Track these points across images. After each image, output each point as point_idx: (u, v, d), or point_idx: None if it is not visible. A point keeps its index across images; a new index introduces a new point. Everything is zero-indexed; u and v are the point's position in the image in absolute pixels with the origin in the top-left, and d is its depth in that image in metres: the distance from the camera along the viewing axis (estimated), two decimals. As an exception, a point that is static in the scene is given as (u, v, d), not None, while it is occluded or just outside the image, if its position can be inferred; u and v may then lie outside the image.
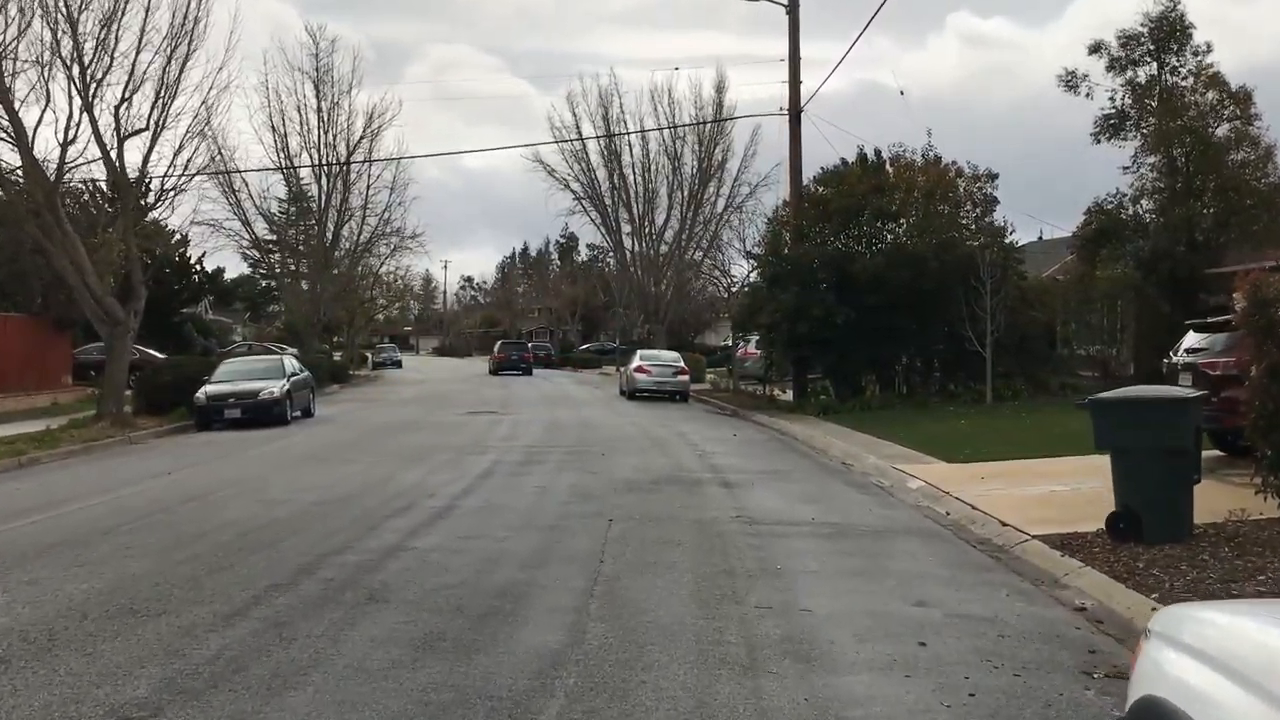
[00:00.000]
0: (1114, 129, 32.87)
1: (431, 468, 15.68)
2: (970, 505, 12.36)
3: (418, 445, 19.24)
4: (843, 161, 29.21)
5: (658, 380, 34.90)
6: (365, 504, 12.20)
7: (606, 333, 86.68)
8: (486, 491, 13.14)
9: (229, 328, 78.60)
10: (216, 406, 24.88)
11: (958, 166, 28.47)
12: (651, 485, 13.74)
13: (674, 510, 11.73)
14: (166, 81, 25.25)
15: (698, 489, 13.56)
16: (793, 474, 15.54)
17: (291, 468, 16.11)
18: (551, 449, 18.37)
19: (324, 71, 48.40)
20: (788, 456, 18.32)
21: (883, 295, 26.72)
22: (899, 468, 15.94)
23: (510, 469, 15.42)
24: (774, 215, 30.35)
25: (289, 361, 27.60)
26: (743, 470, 15.70)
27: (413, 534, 10.24)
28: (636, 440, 20.30)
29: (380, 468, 15.78)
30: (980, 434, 19.51)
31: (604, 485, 13.63)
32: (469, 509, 11.75)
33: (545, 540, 9.91)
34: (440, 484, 13.81)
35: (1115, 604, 7.96)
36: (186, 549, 9.65)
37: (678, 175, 54.13)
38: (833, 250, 28.11)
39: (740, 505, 12.21)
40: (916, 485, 14.31)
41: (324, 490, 13.37)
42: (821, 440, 20.52)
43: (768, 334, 29.36)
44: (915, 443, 18.81)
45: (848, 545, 9.94)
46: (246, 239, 47.83)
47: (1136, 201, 32.13)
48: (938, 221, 27.59)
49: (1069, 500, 12.48)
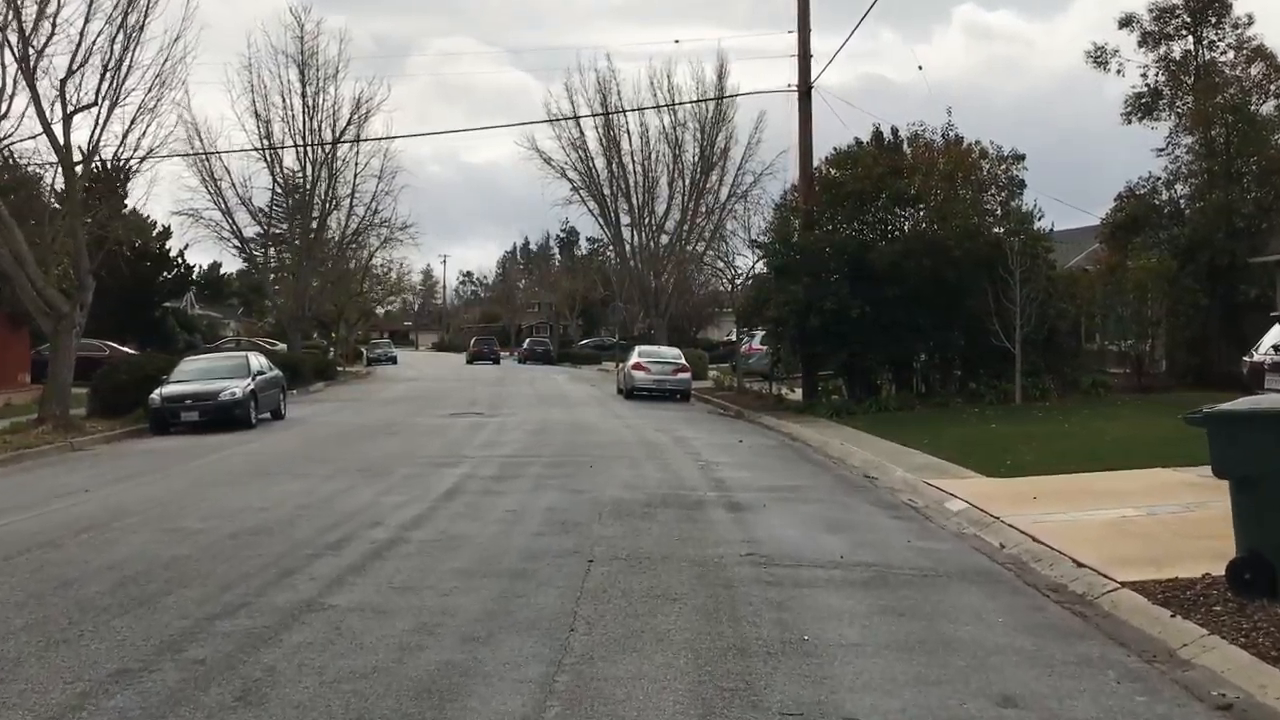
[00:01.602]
0: (1146, 108, 30.68)
1: (390, 485, 13.50)
2: (1030, 536, 10.18)
3: (385, 454, 17.06)
4: (856, 142, 26.98)
5: (657, 379, 32.69)
6: (294, 536, 10.01)
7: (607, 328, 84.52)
8: (445, 518, 10.95)
9: (219, 322, 76.41)
10: (172, 409, 22.70)
11: (981, 147, 26.23)
12: (644, 508, 11.55)
13: (670, 545, 9.53)
14: (116, 53, 23.00)
15: (699, 513, 11.38)
16: (810, 491, 13.36)
17: (228, 484, 13.92)
18: (534, 459, 16.17)
19: (309, 55, 46.24)
20: (802, 468, 16.13)
21: (901, 286, 24.51)
22: (932, 483, 13.75)
23: (481, 486, 13.22)
24: (782, 200, 28.15)
25: (255, 360, 25.39)
26: (752, 487, 13.51)
27: (335, 584, 8.05)
28: (631, 448, 18.12)
29: (331, 484, 13.60)
30: (1016, 441, 17.32)
31: (587, 509, 11.45)
32: (417, 544, 9.56)
33: (503, 593, 7.73)
34: (393, 507, 11.63)
35: (1274, 699, 5.79)
36: (37, 608, 7.48)
37: (679, 163, 51.84)
38: (846, 238, 25.89)
39: (751, 537, 10.03)
40: (957, 507, 12.12)
41: (252, 516, 11.19)
42: (838, 448, 18.33)
43: (775, 329, 27.14)
44: (945, 451, 16.63)
45: (892, 598, 7.76)
46: (227, 229, 45.48)
47: (1170, 186, 29.95)
48: (960, 206, 25.35)
49: (1150, 530, 10.29)
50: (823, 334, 25.07)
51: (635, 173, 52.33)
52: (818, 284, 25.03)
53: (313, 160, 46.34)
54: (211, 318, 76.30)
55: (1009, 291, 23.70)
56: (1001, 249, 24.58)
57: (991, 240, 25.54)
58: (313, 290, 48.77)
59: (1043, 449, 16.18)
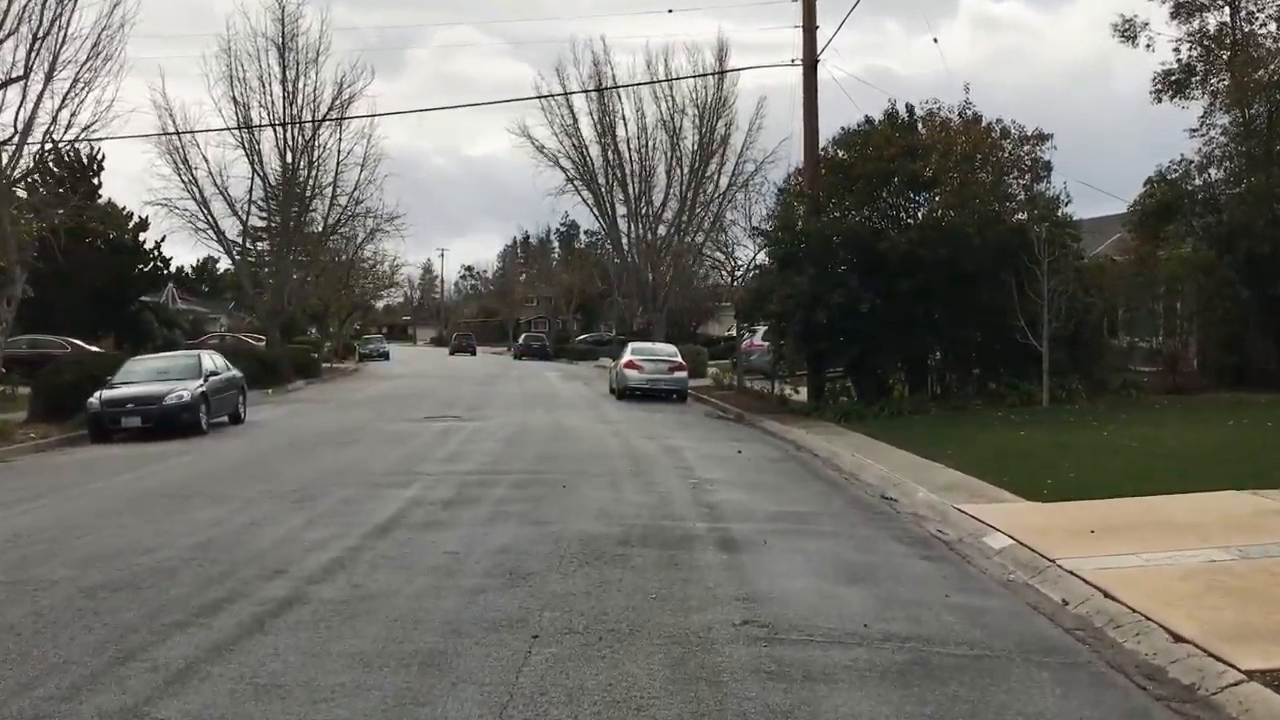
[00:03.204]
0: (1177, 86, 28.42)
1: (320, 513, 11.34)
2: (1099, 589, 8.04)
3: (330, 470, 14.91)
4: (867, 121, 24.76)
5: (651, 378, 30.51)
6: (167, 593, 7.87)
7: (606, 323, 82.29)
8: (367, 565, 8.79)
9: (205, 317, 74.10)
10: (112, 414, 20.59)
11: (1003, 126, 24.04)
12: (618, 547, 9.40)
13: (643, 608, 7.39)
14: (46, 21, 20.81)
15: (685, 554, 9.22)
16: (821, 520, 11.20)
17: (131, 511, 11.76)
18: (500, 476, 14.01)
19: (289, 38, 44.04)
20: (810, 487, 13.97)
21: (915, 278, 22.35)
22: (964, 509, 11.61)
23: (426, 516, 11.06)
24: (786, 184, 25.93)
25: (209, 359, 23.24)
26: (751, 514, 11.36)
27: (178, 679, 5.90)
28: (614, 460, 15.97)
29: (251, 511, 11.46)
30: (1053, 452, 15.18)
31: (547, 550, 9.29)
32: (317, 608, 7.41)
33: (400, 699, 5.58)
34: (310, 547, 9.48)
35: None
36: None
37: (677, 151, 49.66)
38: (856, 225, 23.72)
39: (749, 591, 7.89)
40: (1000, 543, 9.97)
41: (132, 559, 9.04)
42: (849, 459, 16.18)
43: (778, 324, 24.95)
44: (972, 465, 14.50)
45: (938, 697, 5.63)
46: (202, 220, 43.27)
47: (1204, 170, 27.74)
48: (980, 190, 23.17)
49: (1252, 583, 8.12)
50: (830, 330, 22.94)
51: (632, 161, 50.23)
52: (824, 275, 22.89)
53: (292, 147, 44.18)
54: (197, 312, 73.98)
55: (1034, 283, 21.56)
56: (1026, 237, 22.44)
57: (1014, 227, 23.39)
58: (294, 283, 46.61)
59: (1086, 464, 14.04)
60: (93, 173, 47.77)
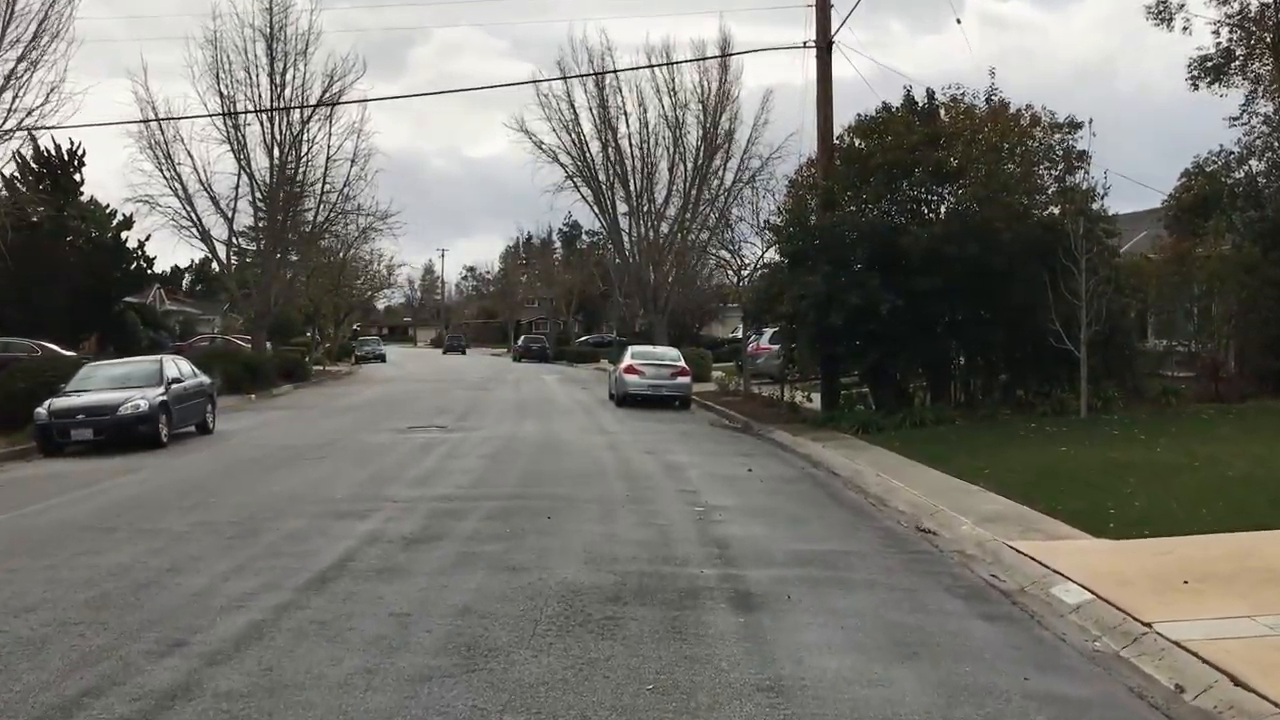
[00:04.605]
0: (1216, 71, 26.62)
1: (255, 552, 9.53)
2: (1224, 672, 6.24)
3: (285, 494, 13.09)
4: (885, 107, 22.90)
5: (652, 383, 28.68)
6: (17, 683, 6.07)
7: (607, 324, 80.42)
8: (292, 631, 6.97)
9: (196, 319, 72.28)
10: (61, 425, 18.81)
11: (1033, 112, 22.18)
12: (608, 606, 7.60)
13: (638, 710, 5.58)
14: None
15: (691, 615, 7.42)
16: (852, 563, 9.37)
17: (26, 552, 9.86)
18: (476, 503, 12.19)
19: (279, 29, 42.23)
20: (833, 515, 12.14)
21: (939, 277, 20.52)
22: (1019, 547, 9.80)
23: (379, 560, 9.24)
24: (798, 176, 24.06)
25: (173, 365, 21.43)
26: (768, 554, 9.55)
27: None
28: (609, 481, 14.16)
29: (176, 550, 9.65)
30: (1106, 473, 13.36)
31: (520, 608, 7.49)
32: (208, 706, 5.60)
33: None
34: (230, 603, 7.68)
35: None
36: None
37: (680, 146, 47.75)
38: (874, 219, 21.88)
39: (774, 679, 6.08)
40: (1075, 597, 8.16)
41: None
42: (874, 480, 14.37)
43: (789, 326, 23.10)
44: (1017, 489, 12.70)
45: None
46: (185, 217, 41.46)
47: (1245, 161, 25.92)
48: (1008, 181, 21.33)
49: None
50: (846, 333, 21.10)
51: (633, 157, 48.32)
52: (840, 274, 21.05)
53: (280, 142, 42.37)
54: (189, 314, 72.23)
55: (1070, 282, 19.72)
56: (1059, 232, 20.62)
57: (1046, 222, 21.56)
58: (282, 284, 44.81)
59: (1150, 488, 12.21)
60: (73, 168, 46.01)
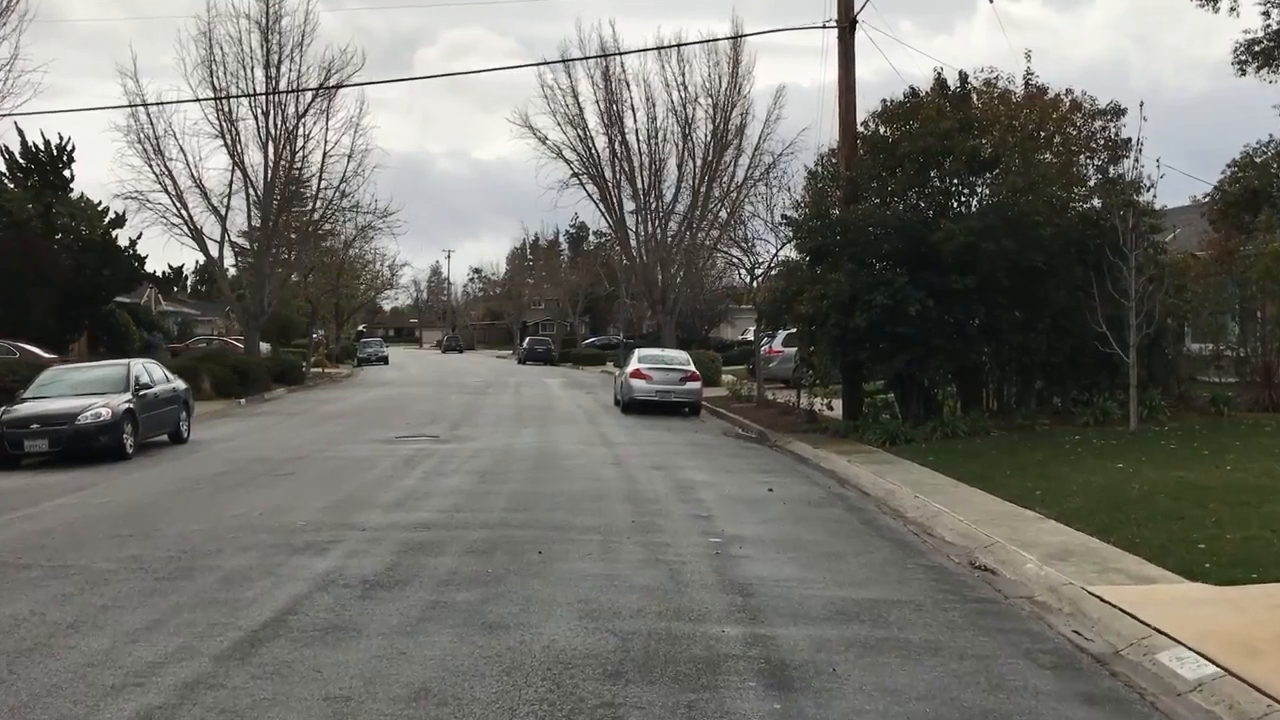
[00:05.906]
0: (1265, 56, 24.90)
1: (181, 600, 7.87)
2: None
3: (238, 520, 11.43)
4: (912, 92, 21.18)
5: (661, 389, 27.00)
6: None
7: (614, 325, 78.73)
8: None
9: (193, 319, 70.75)
10: (14, 436, 17.20)
11: (1073, 97, 20.47)
12: (606, 687, 5.92)
13: None
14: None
15: (712, 699, 5.73)
16: (905, 616, 7.66)
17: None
18: (457, 533, 10.52)
19: (274, 20, 40.65)
20: (871, 548, 10.41)
21: (973, 275, 18.85)
22: (1104, 595, 8.09)
23: (329, 613, 7.57)
24: (816, 167, 22.37)
25: (143, 369, 19.77)
26: (803, 605, 7.86)
27: None
28: (612, 506, 12.47)
29: (88, 596, 7.99)
30: (1180, 496, 11.64)
31: (494, 690, 5.82)
32: None
33: None
34: (127, 679, 6.00)
35: None
36: None
37: (689, 142, 45.98)
38: (902, 212, 20.19)
39: (829, 811, 4.40)
40: (1193, 671, 6.46)
41: None
42: (912, 503, 12.67)
43: (808, 328, 21.41)
44: (1080, 516, 11.02)
45: None
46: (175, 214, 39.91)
47: (1296, 151, 24.25)
48: (1047, 171, 19.63)
49: None
50: (871, 335, 19.39)
51: (640, 153, 46.58)
52: (865, 272, 19.37)
53: (274, 137, 40.81)
54: (188, 315, 70.72)
55: (1117, 281, 18.01)
56: (1101, 226, 18.94)
57: (1087, 216, 19.87)
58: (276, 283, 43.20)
59: (1240, 516, 10.50)
60: (62, 164, 44.54)
